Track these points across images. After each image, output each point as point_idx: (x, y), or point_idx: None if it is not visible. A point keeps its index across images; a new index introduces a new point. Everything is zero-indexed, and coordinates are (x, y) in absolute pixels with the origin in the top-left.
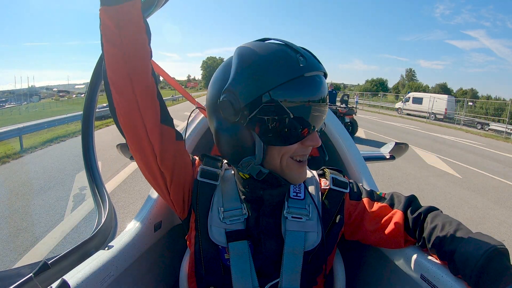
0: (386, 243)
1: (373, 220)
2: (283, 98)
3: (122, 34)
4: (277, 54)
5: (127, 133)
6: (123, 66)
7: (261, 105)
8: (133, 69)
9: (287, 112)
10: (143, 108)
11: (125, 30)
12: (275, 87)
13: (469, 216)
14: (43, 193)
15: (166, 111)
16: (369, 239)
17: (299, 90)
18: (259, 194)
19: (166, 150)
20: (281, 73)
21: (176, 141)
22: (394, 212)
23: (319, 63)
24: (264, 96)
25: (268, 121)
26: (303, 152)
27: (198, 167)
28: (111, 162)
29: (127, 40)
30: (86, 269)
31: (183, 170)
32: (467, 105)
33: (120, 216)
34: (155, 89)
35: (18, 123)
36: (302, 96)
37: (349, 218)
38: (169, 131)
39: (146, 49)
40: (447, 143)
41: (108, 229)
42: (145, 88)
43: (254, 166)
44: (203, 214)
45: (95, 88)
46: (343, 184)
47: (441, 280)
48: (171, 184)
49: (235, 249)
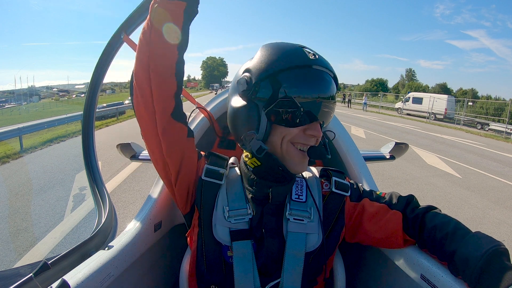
0: (386, 243)
1: (372, 220)
2: (291, 86)
3: (154, 30)
4: (292, 48)
5: (140, 122)
6: (146, 62)
7: (271, 87)
8: (154, 66)
9: (293, 98)
10: (157, 103)
11: (158, 26)
12: (284, 70)
13: (469, 216)
14: (43, 193)
15: (181, 108)
16: (368, 239)
17: (307, 80)
18: (266, 192)
19: (174, 144)
20: (291, 59)
21: (188, 138)
22: (393, 212)
23: (329, 65)
24: (275, 80)
25: (276, 104)
26: (304, 141)
27: (203, 164)
28: (112, 162)
29: (156, 37)
30: (86, 269)
31: (190, 167)
32: (467, 105)
33: (120, 216)
34: (174, 89)
35: (18, 123)
36: (308, 87)
37: (350, 220)
38: (181, 127)
39: (172, 52)
40: (447, 143)
41: (108, 229)
42: (162, 86)
43: (256, 140)
44: (207, 212)
45: (95, 88)
46: (344, 187)
47: (441, 280)
48: (177, 177)
49: (238, 248)
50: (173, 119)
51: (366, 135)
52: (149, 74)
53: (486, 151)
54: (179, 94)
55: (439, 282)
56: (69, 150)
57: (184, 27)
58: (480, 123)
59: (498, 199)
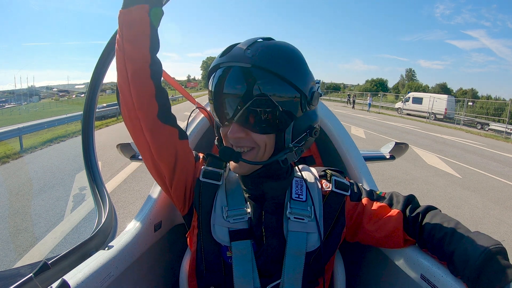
0: (386, 242)
1: (372, 220)
2: (211, 86)
3: (124, 37)
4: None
5: (128, 128)
6: (123, 68)
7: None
8: (131, 71)
9: (213, 98)
10: (138, 107)
11: (127, 32)
12: (210, 71)
13: (469, 216)
14: (43, 193)
15: (168, 110)
16: (369, 239)
17: (214, 80)
18: (261, 189)
19: (164, 146)
20: (214, 61)
21: (180, 140)
22: (393, 211)
23: (243, 56)
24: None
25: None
26: (231, 142)
27: (201, 166)
28: (112, 162)
29: (127, 43)
30: (86, 269)
31: (186, 169)
32: (467, 105)
33: (120, 216)
34: (153, 91)
35: (18, 123)
36: (216, 88)
37: (350, 220)
38: (170, 130)
39: (144, 55)
40: (447, 143)
41: (108, 229)
42: (141, 90)
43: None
44: (206, 213)
45: (95, 88)
46: (344, 186)
47: (441, 280)
48: (172, 180)
49: (237, 248)
50: (160, 121)
51: (366, 135)
52: (128, 80)
53: (486, 151)
54: (160, 96)
55: (439, 282)
56: (69, 150)
57: (152, 29)
58: (480, 123)
59: (498, 199)
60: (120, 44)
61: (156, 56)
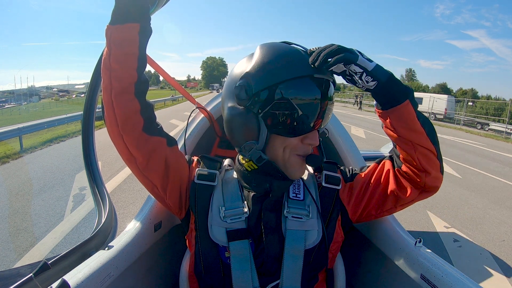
0: (386, 195)
1: (367, 180)
2: (291, 94)
3: (112, 55)
4: (292, 53)
5: (114, 143)
6: (109, 87)
7: (272, 98)
8: (117, 90)
9: (294, 108)
10: (122, 125)
11: (116, 52)
12: (284, 81)
13: (469, 216)
14: (43, 193)
15: (153, 122)
16: (372, 203)
17: (307, 90)
18: (265, 187)
19: (152, 157)
20: (292, 70)
21: (169, 147)
22: (382, 163)
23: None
24: (276, 91)
25: (275, 114)
26: (303, 150)
27: (195, 169)
28: (112, 162)
29: (115, 64)
30: (86, 269)
31: (179, 173)
32: (467, 105)
33: (120, 216)
34: (137, 108)
35: (18, 123)
36: (309, 97)
37: (350, 200)
38: (158, 140)
39: (131, 74)
40: (447, 143)
41: (108, 229)
42: (125, 108)
43: (256, 150)
44: (202, 215)
45: (95, 88)
46: (335, 180)
47: (441, 280)
48: (166, 188)
49: (236, 248)
50: (147, 134)
51: (366, 135)
52: (111, 97)
53: (486, 151)
54: (146, 112)
55: (439, 282)
56: (69, 150)
57: (140, 48)
58: (480, 123)
59: (498, 199)
60: (107, 62)
61: (144, 75)
